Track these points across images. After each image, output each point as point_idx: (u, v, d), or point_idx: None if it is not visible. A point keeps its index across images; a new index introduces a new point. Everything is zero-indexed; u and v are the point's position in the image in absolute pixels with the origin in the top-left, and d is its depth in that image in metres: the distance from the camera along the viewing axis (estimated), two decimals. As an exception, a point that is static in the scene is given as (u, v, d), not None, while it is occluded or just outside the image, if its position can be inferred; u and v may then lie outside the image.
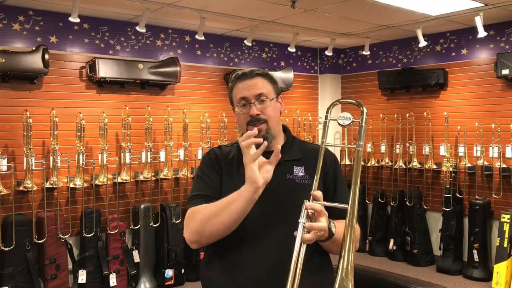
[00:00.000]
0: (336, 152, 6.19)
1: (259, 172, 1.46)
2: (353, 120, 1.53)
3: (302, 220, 1.41)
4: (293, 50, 5.47)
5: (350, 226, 1.37)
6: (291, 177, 1.65)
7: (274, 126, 1.67)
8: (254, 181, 1.45)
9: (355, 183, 1.43)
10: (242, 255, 1.59)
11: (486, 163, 5.06)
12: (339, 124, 1.54)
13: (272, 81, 1.72)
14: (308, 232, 1.40)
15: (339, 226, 1.51)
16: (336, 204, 1.46)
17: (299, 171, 1.67)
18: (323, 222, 1.43)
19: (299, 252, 1.38)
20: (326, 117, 1.58)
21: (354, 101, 1.60)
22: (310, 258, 1.57)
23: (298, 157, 1.70)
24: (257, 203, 1.54)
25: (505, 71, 4.78)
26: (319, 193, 1.46)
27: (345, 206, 1.42)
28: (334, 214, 1.51)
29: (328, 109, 1.58)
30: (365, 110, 1.52)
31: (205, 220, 1.54)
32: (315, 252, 1.61)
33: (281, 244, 1.52)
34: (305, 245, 1.40)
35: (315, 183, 1.49)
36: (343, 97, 1.40)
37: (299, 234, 1.40)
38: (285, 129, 1.79)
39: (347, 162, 6.29)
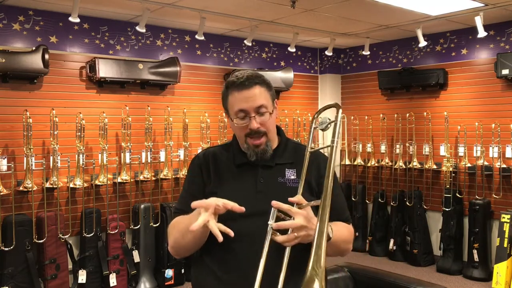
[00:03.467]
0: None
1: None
2: (330, 121, 1.59)
3: (271, 221, 1.42)
4: (293, 50, 5.47)
5: (321, 221, 1.35)
6: (283, 181, 1.65)
7: (272, 137, 1.70)
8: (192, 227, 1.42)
9: (327, 178, 1.42)
10: (233, 257, 1.58)
11: (486, 163, 5.06)
12: (321, 130, 1.62)
13: (269, 87, 1.68)
14: (284, 233, 1.40)
15: (337, 229, 1.52)
16: (311, 203, 1.47)
17: (290, 174, 1.66)
18: (297, 220, 1.42)
19: (266, 255, 1.39)
20: (310, 127, 1.68)
21: (332, 103, 1.65)
22: (297, 257, 1.54)
23: (290, 160, 1.69)
24: (249, 206, 1.53)
25: (505, 71, 4.78)
26: (297, 198, 1.47)
27: (318, 201, 1.42)
28: (333, 215, 1.49)
29: (312, 120, 1.66)
30: (339, 111, 1.58)
31: (176, 240, 1.63)
32: (302, 250, 1.56)
33: (272, 246, 1.48)
34: (288, 248, 1.41)
35: (300, 189, 1.52)
36: (323, 107, 1.53)
37: (267, 237, 1.41)
38: (278, 131, 1.77)
39: (347, 162, 6.29)
